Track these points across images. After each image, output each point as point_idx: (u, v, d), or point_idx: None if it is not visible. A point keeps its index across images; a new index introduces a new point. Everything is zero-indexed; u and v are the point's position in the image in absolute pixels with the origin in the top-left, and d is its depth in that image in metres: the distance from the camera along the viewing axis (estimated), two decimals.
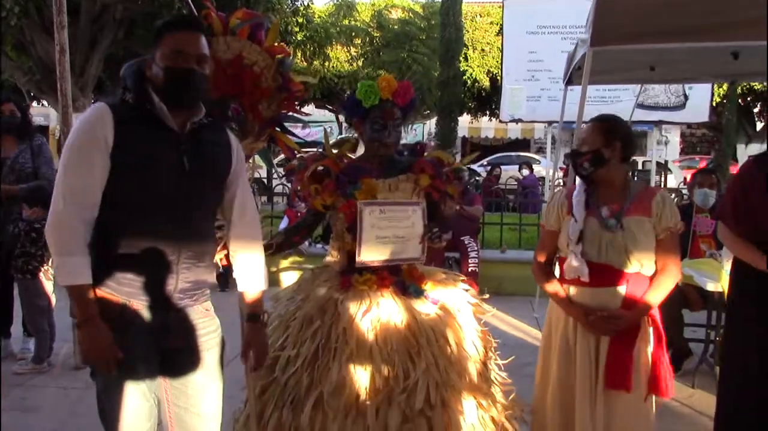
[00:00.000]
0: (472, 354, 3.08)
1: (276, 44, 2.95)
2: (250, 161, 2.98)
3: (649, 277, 3.03)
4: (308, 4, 15.73)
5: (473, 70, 20.93)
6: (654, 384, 3.02)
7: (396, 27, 17.78)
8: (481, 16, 23.53)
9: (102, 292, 2.33)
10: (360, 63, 16.80)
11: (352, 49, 17.01)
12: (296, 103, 2.99)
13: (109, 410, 2.40)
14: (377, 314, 2.95)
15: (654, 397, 3.07)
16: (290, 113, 3.01)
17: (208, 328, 2.53)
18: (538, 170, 17.49)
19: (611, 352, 2.98)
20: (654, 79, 7.42)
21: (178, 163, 2.34)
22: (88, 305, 2.28)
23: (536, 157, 22.66)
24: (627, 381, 2.94)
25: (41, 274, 5.17)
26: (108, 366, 2.31)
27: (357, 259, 2.99)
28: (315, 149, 3.13)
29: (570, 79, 6.56)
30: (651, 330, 3.06)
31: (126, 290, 2.35)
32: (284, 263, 7.48)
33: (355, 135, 3.19)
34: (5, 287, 5.30)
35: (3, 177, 5.03)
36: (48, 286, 5.28)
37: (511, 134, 25.33)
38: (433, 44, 16.77)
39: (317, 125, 17.02)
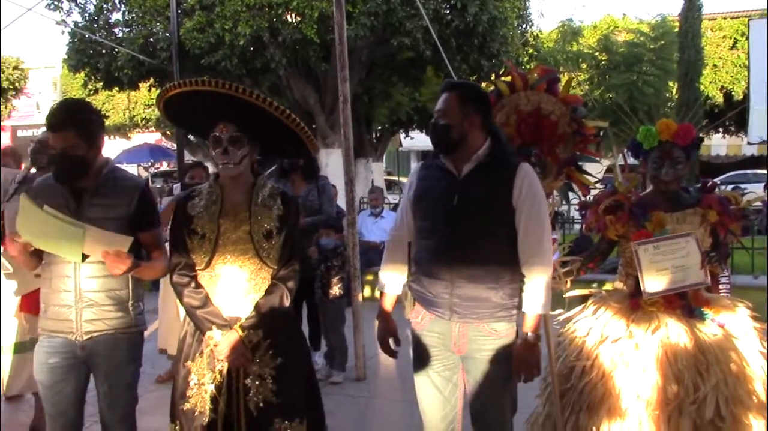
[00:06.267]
0: (760, 375, 3.29)
1: (569, 95, 3.39)
2: (551, 198, 3.43)
3: None
4: (537, 34, 16.15)
5: (705, 87, 20.10)
6: None
7: (623, 49, 17.60)
8: (712, 31, 22.52)
9: (417, 301, 3.05)
10: (587, 87, 16.82)
11: (579, 74, 17.11)
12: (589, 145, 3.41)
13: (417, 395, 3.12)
14: (666, 333, 3.28)
15: None
16: (584, 154, 3.43)
17: (488, 345, 2.93)
18: None
19: None
20: None
21: (450, 198, 2.90)
22: (381, 306, 3.19)
23: None
24: None
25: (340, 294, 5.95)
26: (385, 350, 3.19)
27: (643, 292, 3.31)
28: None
29: None
30: None
31: (422, 300, 3.02)
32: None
33: None
34: (309, 308, 6.13)
35: None
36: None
37: (746, 150, 23.79)
38: (665, 65, 16.38)
39: None
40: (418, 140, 23.19)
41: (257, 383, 2.89)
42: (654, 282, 3.30)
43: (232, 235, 2.91)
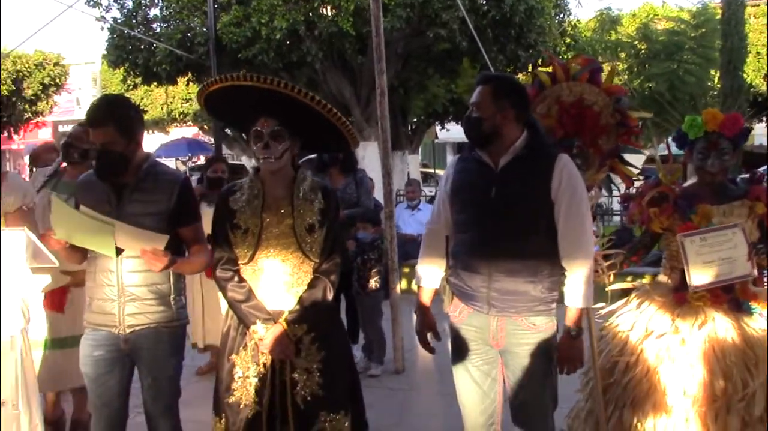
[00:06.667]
0: None
1: (612, 85, 3.33)
2: (593, 190, 3.38)
3: None
4: (575, 24, 15.95)
5: (749, 75, 19.67)
6: None
7: (663, 38, 17.30)
8: (755, 17, 22.01)
9: (453, 295, 3.02)
10: (626, 77, 16.57)
11: (618, 64, 16.87)
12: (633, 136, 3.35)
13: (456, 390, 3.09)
14: (713, 327, 3.22)
15: None
16: (628, 146, 3.37)
17: (527, 339, 2.88)
18: None
19: None
20: None
21: (487, 191, 2.86)
22: (419, 300, 3.15)
23: None
24: None
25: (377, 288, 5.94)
26: (423, 345, 3.17)
27: (690, 285, 3.24)
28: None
29: None
30: None
31: (460, 294, 2.98)
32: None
33: None
34: (347, 301, 6.14)
35: None
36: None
37: None
38: (707, 53, 16.08)
39: None
40: (454, 132, 23.06)
41: (304, 377, 2.91)
42: (700, 275, 3.24)
43: (275, 229, 2.92)
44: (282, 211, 2.94)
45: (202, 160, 29.08)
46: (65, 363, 4.08)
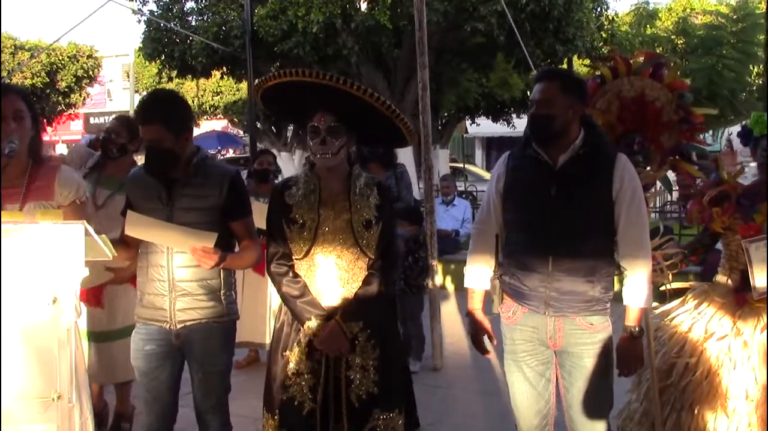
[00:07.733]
0: None
1: (676, 80, 3.24)
2: (652, 188, 3.30)
3: None
4: (612, 18, 15.74)
5: None
6: None
7: (701, 32, 17.01)
8: None
9: (505, 295, 2.93)
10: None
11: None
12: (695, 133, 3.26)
13: (509, 391, 3.04)
14: None
15: None
16: (691, 143, 3.28)
17: (584, 339, 2.83)
18: None
19: None
20: None
21: (546, 189, 2.79)
22: (470, 303, 3.06)
23: None
24: None
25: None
26: (479, 347, 3.09)
27: (754, 290, 3.13)
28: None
29: None
30: None
31: (515, 294, 2.91)
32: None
33: None
34: None
35: None
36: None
37: None
38: (747, 48, 15.77)
39: None
40: (484, 127, 22.96)
41: (360, 374, 2.87)
42: (765, 280, 3.14)
43: (332, 224, 2.89)
44: (339, 206, 2.90)
45: (231, 153, 29.30)
46: (103, 357, 4.10)
